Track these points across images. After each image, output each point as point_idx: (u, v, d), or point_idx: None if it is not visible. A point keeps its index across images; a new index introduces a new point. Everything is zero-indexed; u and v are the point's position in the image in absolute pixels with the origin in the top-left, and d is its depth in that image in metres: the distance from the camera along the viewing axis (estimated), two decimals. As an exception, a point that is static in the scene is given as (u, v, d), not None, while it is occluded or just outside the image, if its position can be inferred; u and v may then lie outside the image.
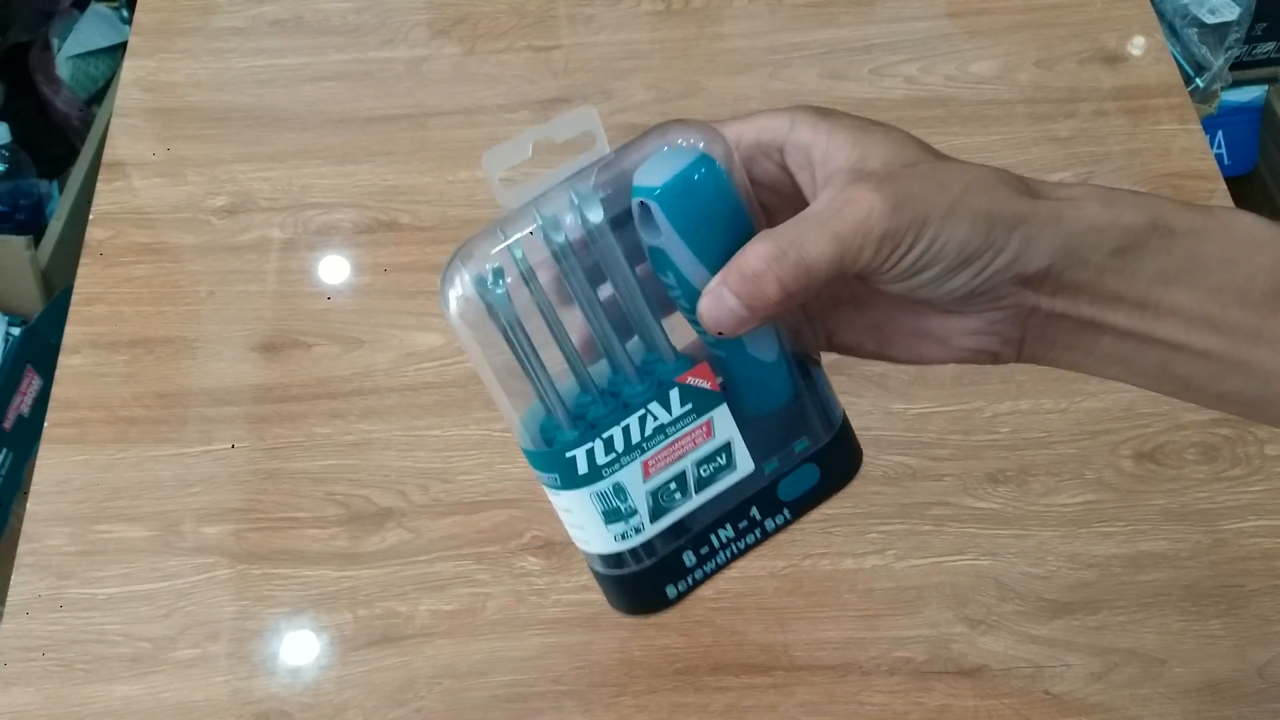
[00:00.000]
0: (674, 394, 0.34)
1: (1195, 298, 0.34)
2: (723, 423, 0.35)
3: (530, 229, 0.32)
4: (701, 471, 0.35)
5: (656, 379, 0.34)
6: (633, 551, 0.35)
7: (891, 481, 0.69)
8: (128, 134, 0.87)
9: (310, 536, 0.69)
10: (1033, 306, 0.34)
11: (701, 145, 0.33)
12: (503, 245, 0.32)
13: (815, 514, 0.67)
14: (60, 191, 1.41)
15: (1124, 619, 0.64)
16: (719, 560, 0.36)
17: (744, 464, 0.35)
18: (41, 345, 1.25)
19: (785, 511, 0.36)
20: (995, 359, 0.37)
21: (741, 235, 0.33)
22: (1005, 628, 0.64)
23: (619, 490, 0.34)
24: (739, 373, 0.35)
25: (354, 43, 0.91)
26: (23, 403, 1.25)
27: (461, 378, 0.74)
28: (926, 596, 0.65)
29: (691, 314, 0.34)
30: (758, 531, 0.36)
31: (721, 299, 0.32)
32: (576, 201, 0.33)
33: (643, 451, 0.34)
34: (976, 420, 0.71)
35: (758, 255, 0.32)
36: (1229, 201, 0.80)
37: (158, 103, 0.89)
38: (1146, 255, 0.34)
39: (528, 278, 0.32)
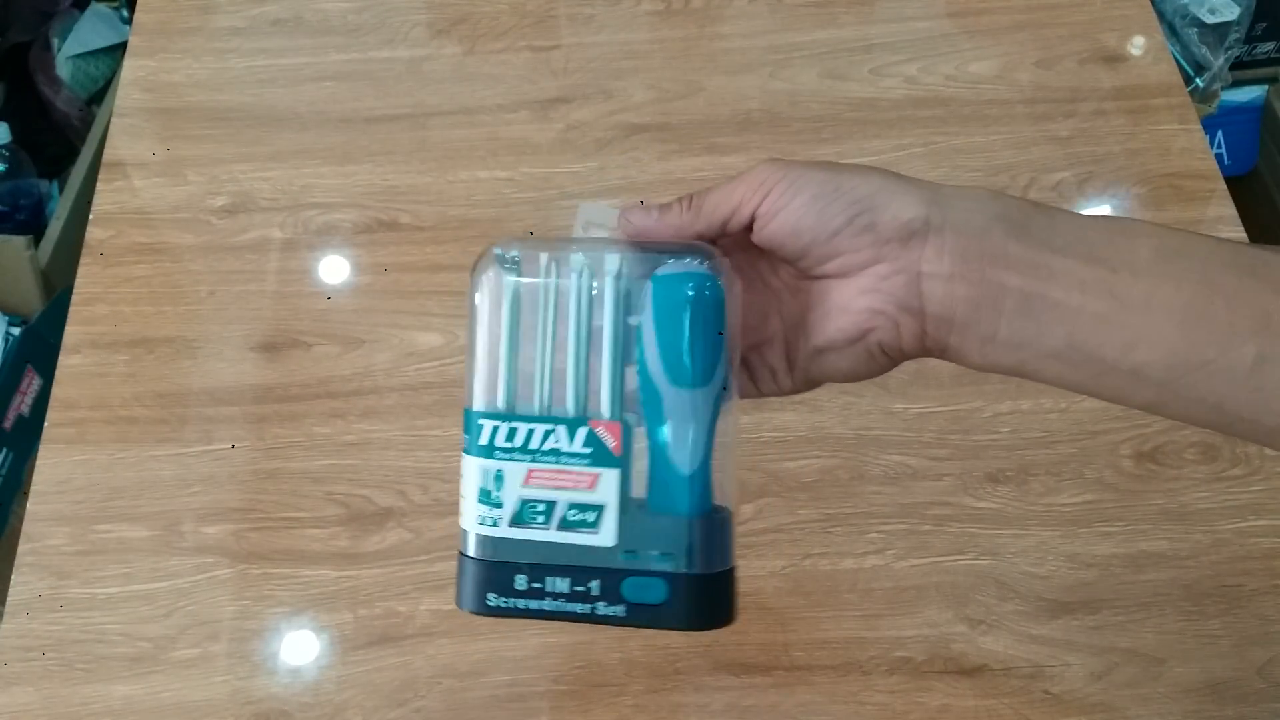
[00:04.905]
0: (582, 431, 0.38)
1: (1085, 266, 0.35)
2: (607, 485, 0.38)
3: (570, 241, 0.39)
4: (569, 514, 0.38)
5: (582, 415, 0.38)
6: (481, 540, 0.38)
7: (891, 481, 0.69)
8: (128, 134, 0.87)
9: (310, 536, 0.69)
10: (919, 270, 0.37)
11: (713, 268, 0.38)
12: (537, 247, 0.39)
13: (815, 513, 0.69)
14: (60, 191, 1.41)
15: (1124, 619, 0.64)
16: (544, 606, 0.38)
17: (606, 535, 0.38)
18: (41, 345, 1.25)
19: (621, 608, 0.38)
20: (897, 330, 0.38)
21: (710, 356, 0.38)
22: (1005, 628, 0.64)
23: (499, 477, 0.38)
24: (654, 465, 0.38)
25: (354, 43, 0.91)
26: (23, 403, 1.25)
27: (461, 377, 0.74)
28: (926, 596, 0.65)
29: (645, 403, 0.38)
30: (587, 606, 0.38)
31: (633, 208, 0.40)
32: (606, 262, 0.39)
33: (534, 460, 0.38)
34: (976, 420, 0.71)
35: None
36: (1229, 201, 0.80)
37: (158, 103, 0.89)
38: (1031, 227, 0.36)
39: (544, 273, 0.38)
